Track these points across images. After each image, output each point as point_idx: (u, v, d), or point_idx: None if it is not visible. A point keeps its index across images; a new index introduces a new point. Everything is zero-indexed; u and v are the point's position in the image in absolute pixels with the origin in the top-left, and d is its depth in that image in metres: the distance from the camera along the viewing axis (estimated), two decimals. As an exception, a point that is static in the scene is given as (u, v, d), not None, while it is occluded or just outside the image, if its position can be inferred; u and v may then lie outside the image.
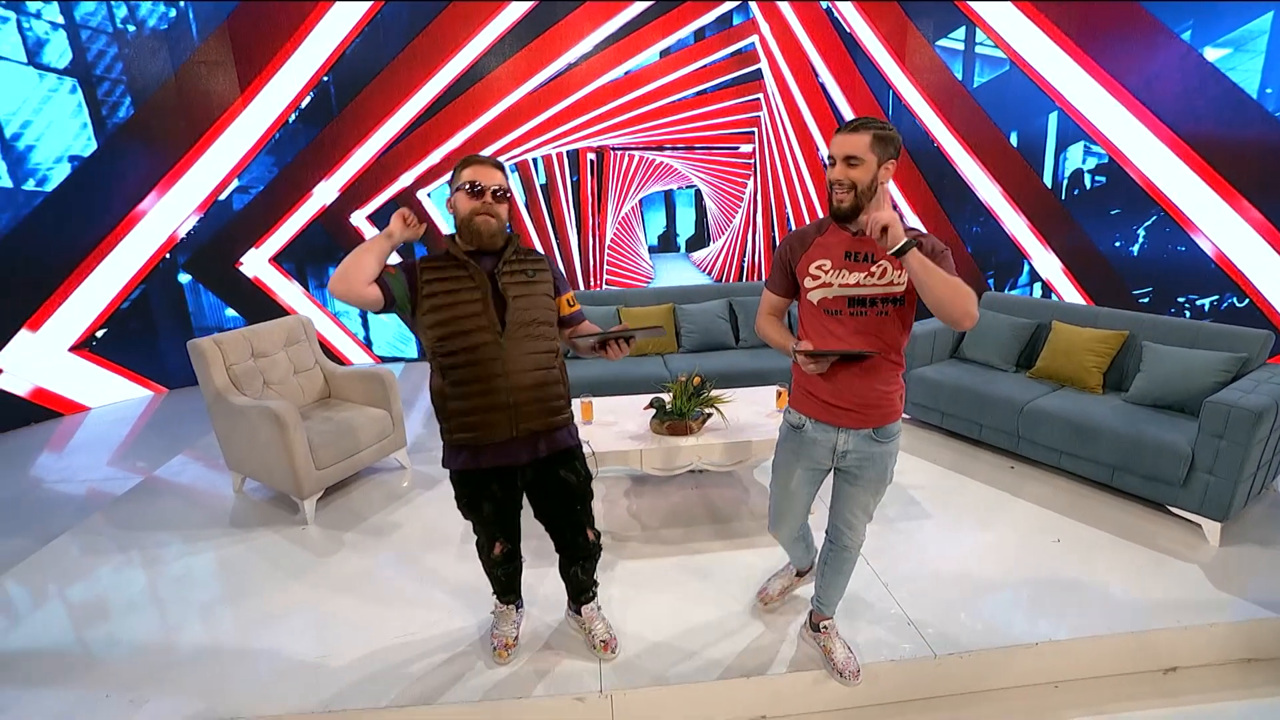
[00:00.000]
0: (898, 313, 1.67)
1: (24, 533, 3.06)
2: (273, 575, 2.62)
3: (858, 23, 5.72)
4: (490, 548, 1.99)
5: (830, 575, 2.01)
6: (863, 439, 1.77)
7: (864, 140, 1.58)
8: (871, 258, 1.66)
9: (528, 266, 1.83)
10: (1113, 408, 3.00)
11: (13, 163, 4.43)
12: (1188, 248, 4.71)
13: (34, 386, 4.69)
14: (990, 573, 2.48)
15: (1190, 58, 4.49)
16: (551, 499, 1.95)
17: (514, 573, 2.10)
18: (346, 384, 3.53)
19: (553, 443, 1.87)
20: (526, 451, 1.84)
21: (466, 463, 1.83)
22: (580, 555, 2.03)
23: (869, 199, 1.62)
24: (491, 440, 1.80)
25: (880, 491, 1.86)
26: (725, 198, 6.16)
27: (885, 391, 1.73)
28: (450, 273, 1.76)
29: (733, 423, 2.88)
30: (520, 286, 1.80)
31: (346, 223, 5.66)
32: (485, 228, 1.75)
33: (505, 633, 2.13)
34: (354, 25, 5.23)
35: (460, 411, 1.79)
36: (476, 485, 1.87)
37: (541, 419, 1.83)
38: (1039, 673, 2.10)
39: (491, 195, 1.76)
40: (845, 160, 1.60)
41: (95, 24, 4.68)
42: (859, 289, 1.66)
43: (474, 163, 1.77)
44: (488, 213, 1.75)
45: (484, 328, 1.74)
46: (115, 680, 2.06)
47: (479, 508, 1.91)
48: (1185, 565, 2.47)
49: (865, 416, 1.74)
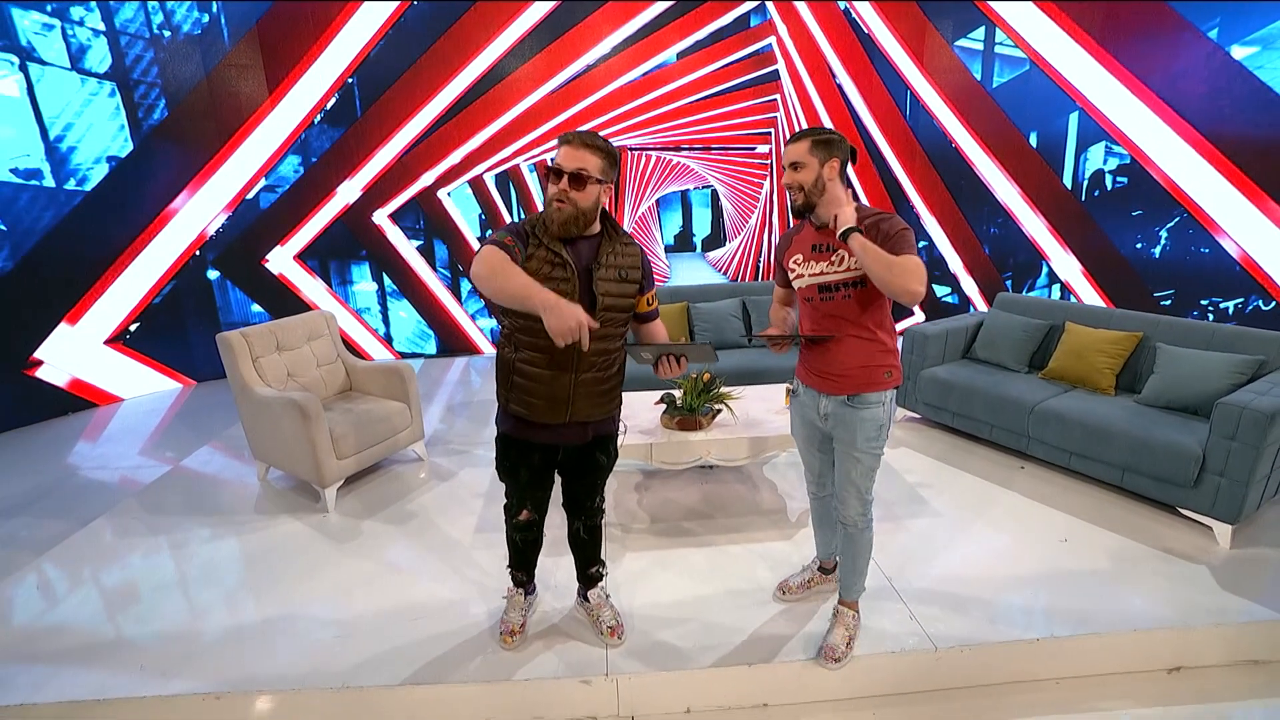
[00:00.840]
0: (861, 294, 1.83)
1: (62, 516, 3.20)
2: (294, 560, 2.72)
3: (876, 24, 5.71)
4: (517, 511, 2.06)
5: (842, 556, 2.12)
6: (839, 403, 1.93)
7: (803, 147, 1.81)
8: (832, 248, 1.86)
9: (624, 264, 1.80)
10: (1124, 409, 2.99)
11: (56, 163, 4.62)
12: (1211, 249, 4.64)
13: (72, 378, 4.88)
14: (996, 570, 2.50)
15: (1217, 56, 4.42)
16: (581, 473, 2.04)
17: (532, 544, 2.17)
18: (367, 377, 3.64)
19: (599, 430, 1.95)
20: (575, 436, 1.90)
21: (516, 430, 1.89)
22: (585, 514, 2.13)
23: (819, 195, 1.84)
24: (544, 421, 1.84)
25: (864, 462, 1.93)
26: (741, 198, 6.19)
27: (858, 364, 1.88)
28: (548, 256, 1.70)
29: (742, 419, 2.92)
30: (612, 285, 1.77)
31: (369, 221, 5.80)
32: (557, 215, 1.68)
33: (512, 619, 2.18)
34: (378, 28, 5.36)
35: (521, 389, 1.82)
36: (520, 451, 1.93)
37: (596, 410, 1.88)
38: (1040, 669, 2.11)
39: (568, 180, 1.66)
40: (791, 166, 1.84)
41: (133, 30, 4.86)
42: (823, 277, 1.87)
43: (564, 141, 1.69)
44: (561, 199, 1.67)
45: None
46: (145, 656, 2.17)
47: (517, 473, 1.97)
48: (1194, 567, 2.46)
49: (839, 384, 1.91)
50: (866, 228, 1.78)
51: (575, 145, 1.67)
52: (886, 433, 1.95)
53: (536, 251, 1.70)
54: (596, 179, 1.69)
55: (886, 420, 1.93)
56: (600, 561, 2.25)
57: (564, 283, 1.69)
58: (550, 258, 1.70)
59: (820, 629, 2.19)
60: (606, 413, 1.93)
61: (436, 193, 5.82)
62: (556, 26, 5.53)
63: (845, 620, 2.11)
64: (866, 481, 1.98)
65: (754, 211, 6.23)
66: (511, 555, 2.20)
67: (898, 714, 2.00)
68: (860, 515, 2.01)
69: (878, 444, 1.94)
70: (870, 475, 1.97)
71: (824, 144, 1.80)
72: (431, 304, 6.10)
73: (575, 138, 1.69)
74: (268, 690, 2.00)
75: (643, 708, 2.03)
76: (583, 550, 2.21)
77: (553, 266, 1.70)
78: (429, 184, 5.79)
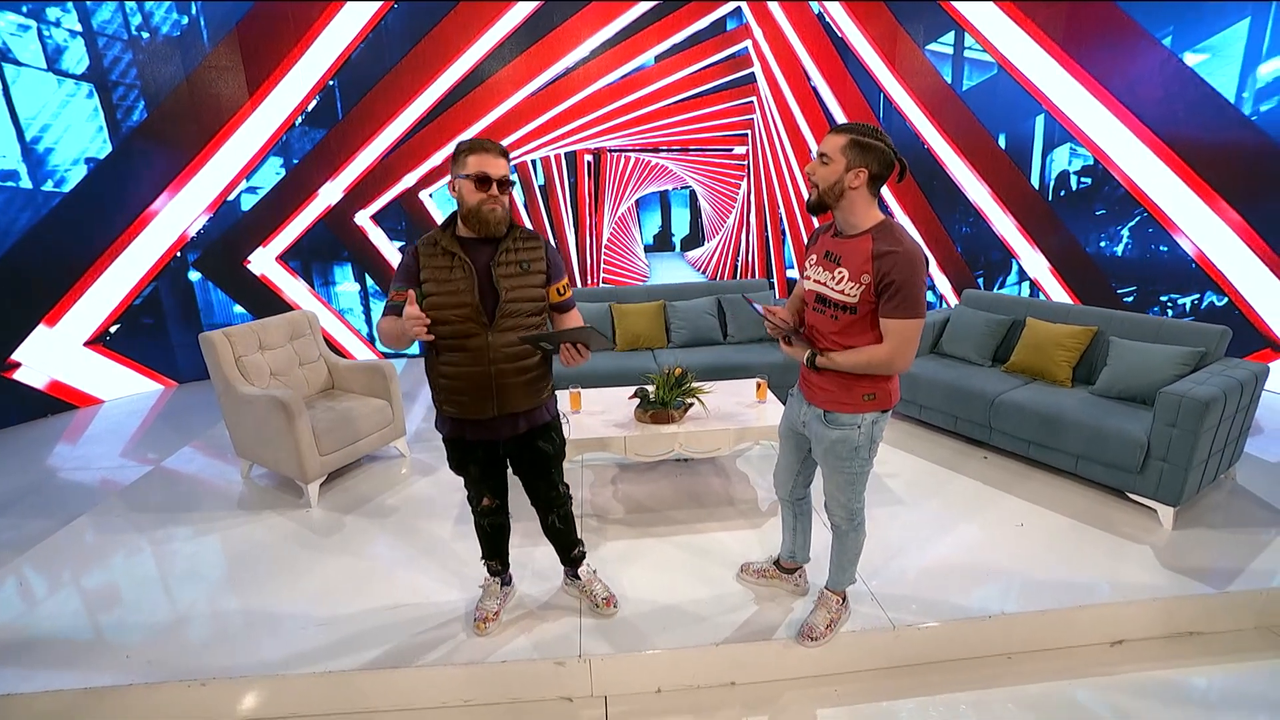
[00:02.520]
0: (851, 322, 1.77)
1: (43, 516, 3.22)
2: (278, 555, 2.78)
3: (849, 27, 5.85)
4: (479, 500, 2.17)
5: (832, 550, 2.16)
6: (815, 416, 1.93)
7: (839, 141, 1.69)
8: (839, 260, 1.76)
9: (524, 257, 1.89)
10: (1079, 400, 3.13)
11: (33, 165, 4.62)
12: (1170, 248, 4.82)
13: (51, 380, 4.87)
14: (955, 554, 2.62)
15: (1170, 63, 4.60)
16: (529, 464, 2.11)
17: (499, 529, 2.25)
18: (349, 376, 3.69)
19: (531, 420, 2.02)
20: (507, 428, 1.98)
21: (453, 431, 2.01)
22: (553, 505, 2.21)
23: (835, 199, 1.73)
24: (476, 417, 1.94)
25: (835, 478, 1.95)
26: (719, 198, 6.30)
27: (835, 382, 1.84)
28: (442, 261, 1.84)
29: (714, 412, 3.02)
30: (514, 279, 1.87)
31: (351, 222, 5.84)
32: (492, 217, 1.81)
33: (487, 606, 2.26)
34: (359, 31, 5.40)
35: (448, 389, 1.92)
36: (463, 451, 2.05)
37: (523, 401, 1.96)
38: (992, 645, 2.23)
39: (497, 185, 1.79)
40: (819, 156, 1.73)
41: (111, 31, 4.87)
42: (823, 288, 1.81)
43: (479, 149, 1.79)
44: (495, 203, 1.80)
45: (470, 318, 1.84)
46: (129, 651, 2.21)
47: (466, 469, 2.10)
48: (1139, 547, 2.60)
49: (816, 395, 1.91)
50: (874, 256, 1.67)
51: (492, 154, 1.79)
52: (866, 454, 1.89)
53: (435, 260, 1.83)
54: (513, 181, 1.88)
55: (864, 442, 1.87)
56: (579, 541, 2.36)
57: (463, 280, 1.82)
58: (449, 262, 1.83)
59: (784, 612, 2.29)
60: (536, 402, 2.00)
61: (419, 194, 5.87)
62: (537, 29, 5.60)
63: (829, 604, 2.18)
64: (846, 494, 1.97)
65: (731, 212, 6.34)
66: (482, 544, 2.28)
67: (859, 690, 2.11)
68: (845, 520, 2.04)
69: (851, 465, 1.90)
70: (849, 489, 1.95)
71: (861, 147, 1.66)
72: (414, 304, 6.13)
73: (491, 146, 1.80)
74: (252, 675, 2.06)
75: (615, 688, 2.11)
76: (560, 538, 2.31)
77: (451, 269, 1.83)
78: (411, 185, 5.83)
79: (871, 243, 1.70)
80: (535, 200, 6.07)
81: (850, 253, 1.74)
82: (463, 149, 1.81)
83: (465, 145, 1.81)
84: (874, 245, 1.70)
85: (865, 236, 1.73)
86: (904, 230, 1.74)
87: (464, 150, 1.81)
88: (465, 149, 1.81)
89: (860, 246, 1.73)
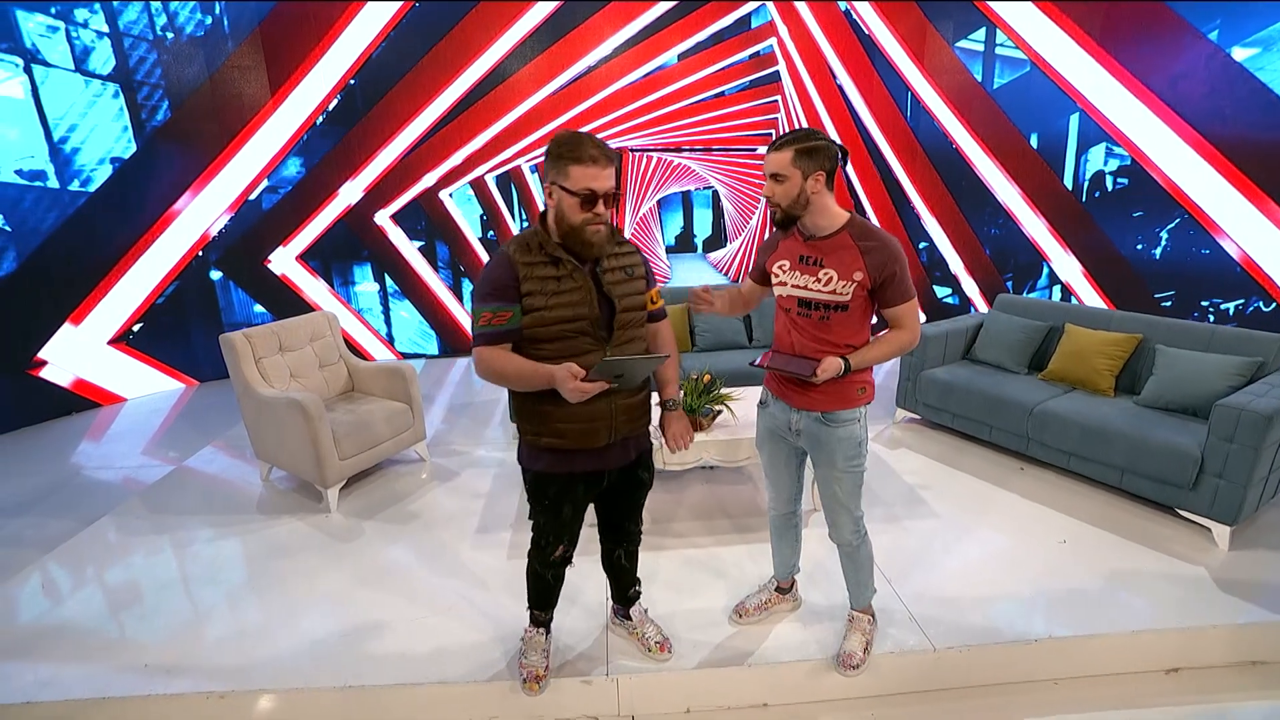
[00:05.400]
0: (843, 318, 1.75)
1: (66, 516, 3.22)
2: (297, 560, 2.74)
3: (876, 25, 5.72)
4: (553, 549, 1.87)
5: (845, 571, 2.09)
6: (813, 420, 1.85)
7: (785, 157, 1.67)
8: (821, 263, 1.74)
9: (625, 262, 1.68)
10: (1123, 410, 3.00)
11: (60, 165, 4.65)
12: (1212, 251, 4.64)
13: (75, 378, 4.90)
14: (995, 572, 2.51)
15: (1217, 58, 4.43)
16: (624, 496, 1.92)
17: (561, 578, 2.00)
18: (369, 378, 3.65)
19: (640, 445, 1.83)
20: (619, 457, 1.76)
21: (553, 465, 1.71)
22: (626, 539, 2.03)
23: (801, 209, 1.72)
24: (587, 447, 1.68)
25: (845, 481, 1.88)
26: (742, 199, 6.20)
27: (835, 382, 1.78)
28: (549, 270, 1.56)
29: (742, 420, 2.93)
30: (623, 286, 1.65)
31: (371, 222, 5.82)
32: (596, 239, 1.55)
33: (534, 663, 2.01)
34: (380, 29, 5.38)
35: (555, 418, 1.64)
36: (561, 488, 1.76)
37: (637, 424, 1.76)
38: (1038, 669, 2.12)
39: (603, 202, 1.52)
40: (772, 177, 1.71)
41: (137, 32, 4.88)
42: (806, 292, 1.77)
43: (585, 159, 1.48)
44: (600, 223, 1.54)
45: (586, 333, 1.59)
46: (148, 655, 2.19)
47: (559, 510, 1.79)
48: (1193, 568, 2.46)
49: (811, 400, 1.83)
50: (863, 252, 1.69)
51: (601, 163, 1.50)
52: (866, 448, 1.89)
53: (538, 269, 1.56)
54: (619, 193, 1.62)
55: (864, 435, 1.87)
56: (638, 580, 2.17)
57: (576, 291, 1.57)
58: (557, 271, 1.57)
59: (820, 628, 2.20)
60: (645, 424, 1.80)
61: (438, 194, 5.84)
62: (558, 28, 5.54)
63: (861, 626, 2.09)
64: (854, 499, 1.92)
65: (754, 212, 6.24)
66: (536, 595, 2.01)
67: (896, 714, 2.01)
68: (853, 534, 1.97)
69: (858, 461, 1.87)
70: (856, 492, 1.91)
71: (808, 154, 1.65)
72: (433, 304, 6.12)
73: (598, 153, 1.49)
74: (271, 689, 2.02)
75: (643, 707, 2.04)
76: (623, 575, 2.11)
77: (559, 279, 1.57)
78: (431, 185, 5.80)
79: (853, 240, 1.71)
80: (555, 200, 6.01)
81: (832, 253, 1.73)
82: (564, 153, 1.49)
83: (567, 148, 1.49)
84: (857, 243, 1.71)
85: (842, 235, 1.73)
86: (870, 221, 1.79)
87: (566, 156, 1.49)
88: (568, 154, 1.49)
89: (841, 245, 1.73)
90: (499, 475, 3.48)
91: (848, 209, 1.78)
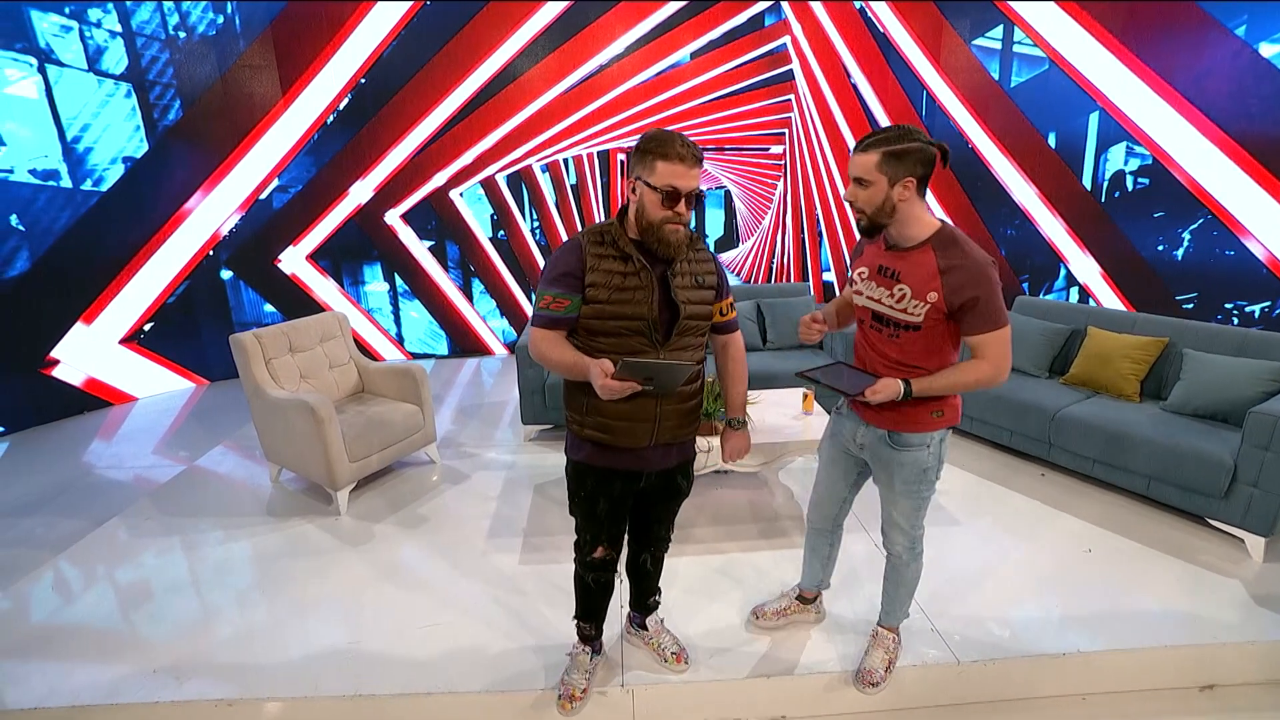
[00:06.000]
0: (915, 338, 1.62)
1: (78, 515, 3.21)
2: (306, 563, 2.71)
3: (891, 22, 5.64)
4: (592, 548, 1.84)
5: (885, 582, 2.02)
6: (878, 437, 1.77)
7: (870, 160, 1.53)
8: (898, 276, 1.61)
9: (699, 270, 1.64)
10: (1150, 416, 2.92)
11: (73, 164, 4.65)
12: (1237, 252, 4.54)
13: (87, 377, 4.91)
14: (1018, 581, 2.45)
15: (1244, 54, 4.33)
16: (659, 502, 1.88)
17: (605, 586, 1.92)
18: (379, 379, 3.62)
19: (683, 452, 1.80)
20: (659, 460, 1.73)
21: (593, 457, 1.70)
22: (654, 544, 1.99)
23: (887, 218, 1.57)
24: (627, 445, 1.66)
25: (902, 504, 1.81)
26: (755, 199, 6.14)
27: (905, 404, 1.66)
28: (617, 265, 1.56)
29: (760, 424, 2.88)
30: (691, 292, 1.62)
31: (381, 221, 5.80)
32: (674, 238, 1.54)
33: (574, 682, 1.95)
34: (391, 29, 5.36)
35: (601, 411, 1.63)
36: (599, 481, 1.74)
37: (682, 430, 1.73)
38: (1066, 684, 2.06)
39: (685, 201, 1.51)
40: (855, 181, 1.57)
41: (150, 31, 4.89)
42: (879, 306, 1.66)
43: (673, 156, 1.47)
44: (679, 222, 1.53)
45: (642, 333, 1.57)
46: (157, 657, 2.16)
47: (595, 503, 1.77)
48: (1225, 580, 2.39)
49: (879, 417, 1.74)
50: (941, 271, 1.53)
51: (689, 163, 1.48)
52: (934, 475, 1.77)
53: (606, 263, 1.56)
54: (703, 194, 1.61)
55: (933, 463, 1.75)
56: (658, 589, 2.12)
57: (640, 290, 1.56)
58: (624, 268, 1.56)
59: (842, 640, 2.14)
60: (692, 432, 1.77)
61: (449, 193, 5.81)
62: (569, 26, 5.50)
63: (885, 643, 2.03)
64: (910, 521, 1.84)
65: (767, 213, 6.17)
66: (580, 602, 1.95)
67: (920, 729, 1.96)
68: (907, 550, 1.89)
69: (919, 488, 1.77)
70: (915, 515, 1.83)
71: (896, 157, 1.50)
72: (443, 304, 6.09)
73: (686, 152, 1.48)
74: (279, 698, 1.98)
75: (659, 719, 1.99)
76: (645, 581, 2.07)
77: (625, 276, 1.55)
78: (441, 184, 5.78)
79: (934, 256, 1.56)
80: (567, 200, 5.98)
81: (911, 268, 1.59)
82: (652, 148, 1.49)
83: (655, 144, 1.48)
84: (937, 259, 1.55)
85: (924, 249, 1.58)
86: (963, 234, 1.59)
87: (653, 152, 1.48)
88: (655, 150, 1.48)
89: (921, 261, 1.58)
90: (510, 478, 3.44)
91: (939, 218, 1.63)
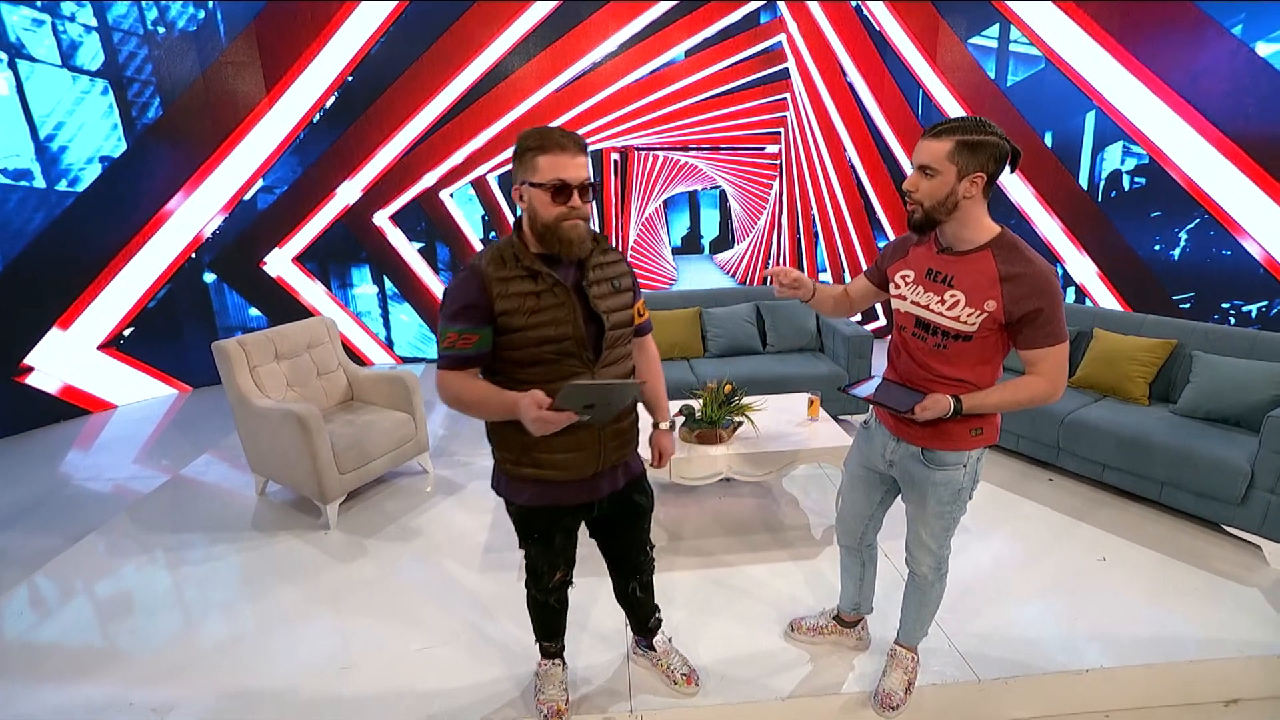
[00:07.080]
0: (964, 349, 1.50)
1: (54, 530, 3.07)
2: (294, 580, 2.59)
3: (887, 21, 5.59)
4: (550, 575, 1.74)
5: (905, 600, 1.92)
6: (910, 454, 1.66)
7: (942, 148, 1.40)
8: (950, 281, 1.49)
9: (612, 274, 1.52)
10: (1160, 420, 2.87)
11: (46, 163, 4.48)
12: (1234, 251, 4.53)
13: (63, 384, 4.74)
14: (1034, 593, 2.38)
15: (1241, 53, 4.32)
16: (622, 524, 1.77)
17: (565, 601, 1.85)
18: (369, 386, 3.50)
19: (629, 471, 1.68)
20: (608, 484, 1.62)
21: (538, 498, 1.56)
22: (636, 571, 1.87)
23: (945, 214, 1.45)
24: (575, 477, 1.54)
25: (933, 525, 1.70)
26: (750, 199, 6.06)
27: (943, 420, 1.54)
28: (527, 285, 1.40)
29: (764, 432, 2.80)
30: (610, 299, 1.49)
31: (369, 223, 5.66)
32: (574, 234, 1.39)
33: (553, 698, 1.87)
34: (378, 26, 5.22)
35: (537, 448, 1.48)
36: (549, 520, 1.63)
37: (625, 449, 1.62)
38: (1089, 701, 1.99)
39: (578, 193, 1.38)
40: (920, 169, 1.44)
41: (127, 26, 4.72)
42: (927, 312, 1.54)
43: (551, 146, 1.34)
44: (577, 216, 1.39)
45: (572, 353, 1.44)
46: (139, 680, 2.05)
47: (549, 541, 1.67)
48: (1245, 589, 2.34)
49: (913, 433, 1.63)
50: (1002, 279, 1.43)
51: (571, 150, 1.36)
52: (968, 495, 1.66)
53: (514, 285, 1.40)
54: (595, 185, 1.45)
55: (968, 484, 1.64)
56: (657, 609, 2.02)
57: (558, 309, 1.42)
58: (535, 286, 1.41)
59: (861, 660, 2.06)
60: (634, 448, 1.67)
61: (438, 193, 5.69)
62: (560, 24, 5.39)
63: (904, 663, 1.94)
64: (939, 541, 1.73)
65: (763, 213, 6.10)
66: (541, 626, 1.87)
67: (939, 750, 1.88)
68: (932, 570, 1.79)
69: (953, 508, 1.66)
70: (944, 535, 1.72)
71: (970, 148, 1.38)
72: (434, 307, 5.96)
73: (566, 140, 1.36)
74: (268, 729, 1.87)
75: (668, 745, 1.90)
76: (640, 608, 1.96)
77: (539, 295, 1.41)
78: (431, 185, 5.65)
79: (994, 262, 1.44)
80: (558, 200, 5.87)
81: (966, 273, 1.47)
82: (529, 145, 1.36)
83: (532, 140, 1.36)
84: (998, 266, 1.44)
85: (983, 254, 1.46)
86: (1024, 241, 1.48)
87: (531, 148, 1.36)
88: (533, 145, 1.36)
89: (980, 267, 1.46)
90: (506, 488, 3.33)
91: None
